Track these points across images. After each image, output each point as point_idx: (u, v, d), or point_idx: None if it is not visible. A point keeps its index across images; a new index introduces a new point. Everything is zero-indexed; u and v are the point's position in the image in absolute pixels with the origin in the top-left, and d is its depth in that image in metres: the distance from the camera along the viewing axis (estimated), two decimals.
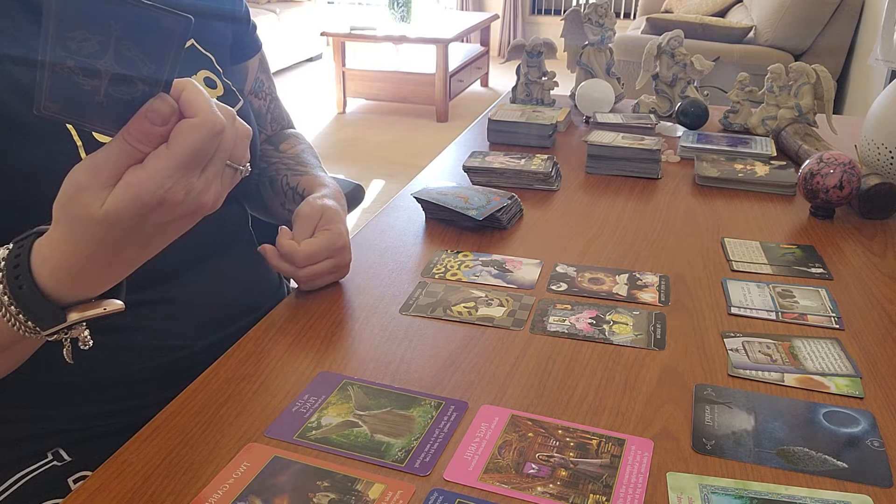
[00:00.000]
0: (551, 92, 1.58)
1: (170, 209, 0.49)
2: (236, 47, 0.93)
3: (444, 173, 1.24)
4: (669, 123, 1.47)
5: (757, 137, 1.36)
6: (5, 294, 0.52)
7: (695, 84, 1.53)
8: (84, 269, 0.52)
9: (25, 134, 0.67)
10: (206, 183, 0.51)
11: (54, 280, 0.52)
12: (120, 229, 0.49)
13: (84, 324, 0.56)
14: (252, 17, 0.98)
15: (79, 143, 0.70)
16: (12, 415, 0.76)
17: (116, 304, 0.56)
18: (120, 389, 0.77)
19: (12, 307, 0.53)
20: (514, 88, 1.59)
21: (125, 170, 0.48)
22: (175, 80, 0.48)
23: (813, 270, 0.90)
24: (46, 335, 0.54)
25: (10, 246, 0.54)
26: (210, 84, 0.84)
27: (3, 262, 0.53)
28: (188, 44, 0.83)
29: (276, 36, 5.49)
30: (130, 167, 0.48)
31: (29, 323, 0.53)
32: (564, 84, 1.55)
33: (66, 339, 0.57)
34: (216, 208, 0.53)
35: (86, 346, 0.57)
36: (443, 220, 1.04)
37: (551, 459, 0.59)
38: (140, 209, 0.48)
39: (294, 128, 1.10)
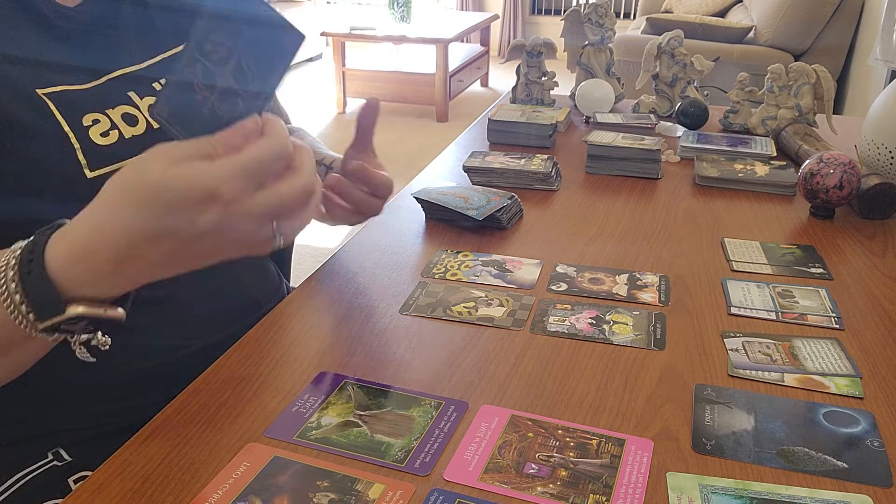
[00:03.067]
0: (551, 92, 1.58)
1: (215, 209, 0.49)
2: None
3: (444, 173, 1.24)
4: (669, 123, 1.47)
5: (757, 137, 1.36)
6: (14, 280, 0.52)
7: (695, 84, 1.53)
8: (98, 250, 0.51)
9: (23, 135, 0.67)
10: (254, 209, 0.50)
11: (64, 260, 0.51)
12: (161, 204, 0.48)
13: (94, 327, 0.55)
14: None
15: (76, 145, 0.70)
16: (12, 415, 0.76)
17: (118, 311, 0.55)
18: (120, 389, 0.77)
19: (17, 295, 0.52)
20: (514, 88, 1.59)
21: (197, 159, 0.49)
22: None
23: (813, 270, 0.90)
24: (43, 328, 0.53)
25: (34, 237, 0.53)
26: None
27: (19, 251, 0.52)
28: (183, 48, 0.83)
29: None
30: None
31: (30, 315, 0.52)
32: (564, 84, 1.55)
33: (74, 342, 0.56)
34: (248, 250, 0.53)
35: (105, 347, 0.56)
36: (443, 220, 1.04)
37: (551, 459, 0.59)
38: (192, 191, 0.48)
39: (291, 124, 1.10)
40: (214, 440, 0.61)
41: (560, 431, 0.62)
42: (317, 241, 2.87)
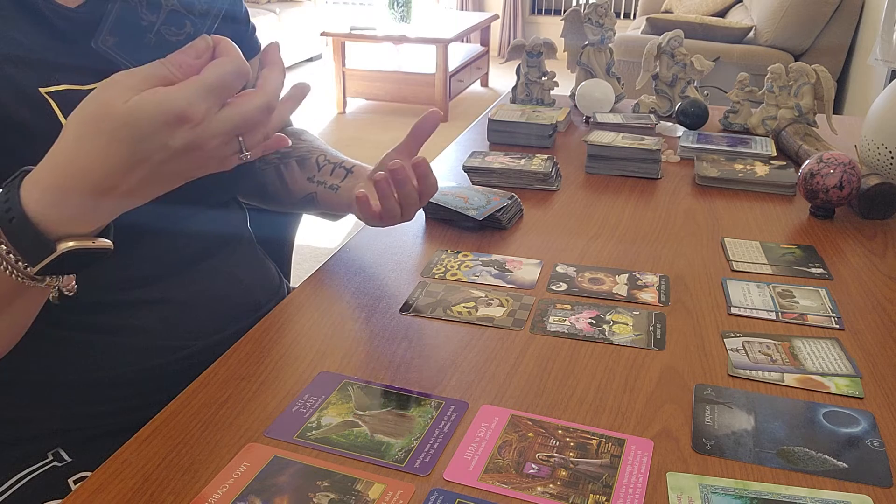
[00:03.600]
0: (551, 92, 1.58)
1: (186, 130, 0.51)
2: None
3: (444, 173, 1.24)
4: (669, 123, 1.47)
5: (757, 137, 1.36)
6: None
7: (695, 84, 1.53)
8: (76, 187, 0.52)
9: (23, 134, 0.67)
10: (220, 127, 0.53)
11: (44, 203, 0.52)
12: (133, 132, 0.50)
13: (85, 262, 0.56)
14: (252, 18, 0.98)
15: None
16: (12, 414, 0.76)
17: (105, 241, 0.56)
18: (120, 389, 0.77)
19: (2, 246, 0.53)
20: (514, 88, 1.59)
21: (156, 85, 0.51)
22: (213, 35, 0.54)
23: (813, 270, 0.90)
24: (37, 272, 0.54)
25: (2, 190, 0.54)
26: None
27: None
28: None
29: (276, 36, 5.49)
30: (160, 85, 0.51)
31: (20, 264, 0.53)
32: (564, 84, 1.55)
33: (54, 288, 0.57)
34: (216, 166, 0.56)
35: (71, 293, 0.58)
36: (443, 220, 1.04)
37: (551, 459, 0.59)
38: (161, 115, 0.50)
39: (292, 125, 1.10)
40: (214, 440, 0.61)
41: (560, 431, 0.62)
42: (317, 241, 2.87)
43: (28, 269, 0.54)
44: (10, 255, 0.53)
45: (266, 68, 0.57)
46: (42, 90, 0.68)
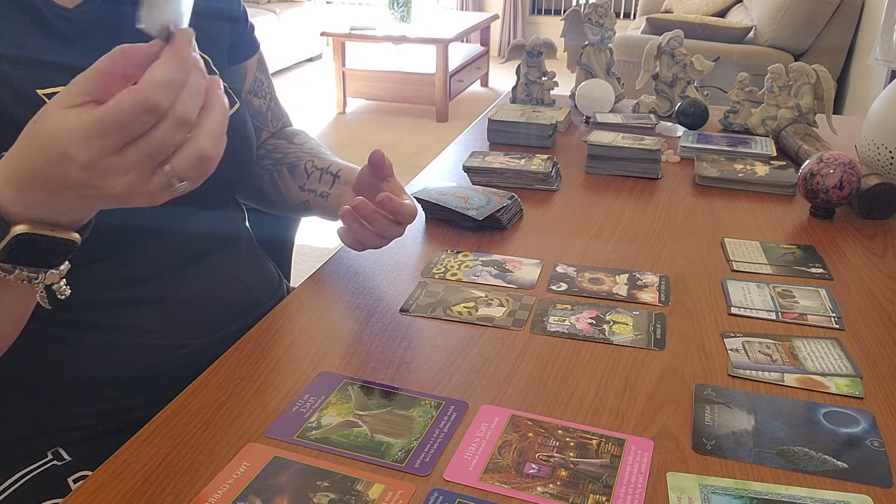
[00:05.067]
0: (551, 92, 1.58)
1: (77, 169, 0.48)
2: (234, 48, 0.93)
3: (444, 173, 1.24)
4: (669, 123, 1.47)
5: (757, 137, 1.36)
6: None
7: (695, 84, 1.53)
8: (29, 185, 0.50)
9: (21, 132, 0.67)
10: (120, 167, 0.48)
11: (4, 191, 0.51)
12: (40, 150, 0.48)
13: (51, 254, 0.55)
14: (251, 18, 0.98)
15: None
16: (12, 413, 0.76)
17: (71, 234, 0.54)
18: (119, 388, 0.77)
19: None
20: (514, 88, 1.59)
21: (84, 101, 0.48)
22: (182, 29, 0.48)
23: (813, 270, 0.90)
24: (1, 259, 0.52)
25: None
26: None
27: None
28: None
29: (276, 36, 5.49)
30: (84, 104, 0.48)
31: None
32: (564, 84, 1.55)
33: (39, 285, 0.56)
34: (128, 202, 0.51)
35: (62, 295, 0.57)
36: (443, 220, 1.04)
37: (551, 459, 0.59)
38: (52, 149, 0.48)
39: (292, 125, 1.10)
40: (214, 440, 0.61)
41: (560, 431, 0.62)
42: (317, 241, 2.87)
43: None
44: None
45: (159, 59, 0.48)
46: (39, 91, 0.68)
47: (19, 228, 0.52)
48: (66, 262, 0.57)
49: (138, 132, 0.48)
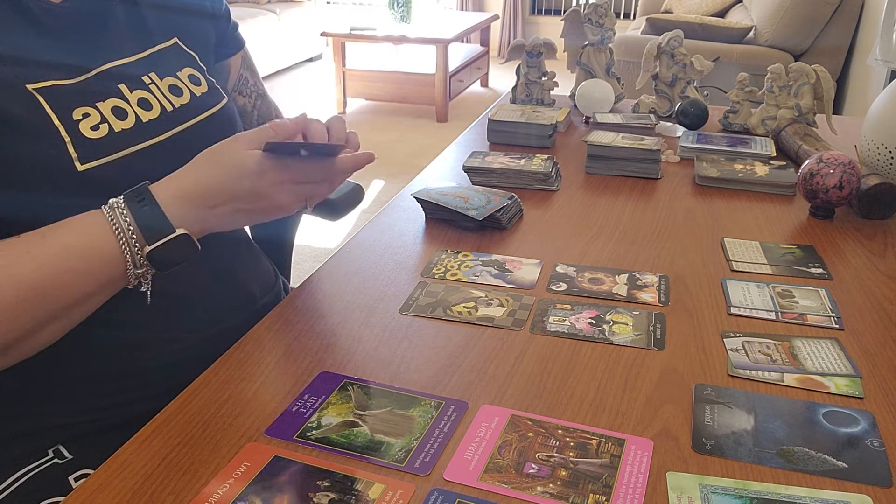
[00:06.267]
0: (551, 92, 1.59)
1: (265, 182, 0.70)
2: (218, 45, 0.94)
3: (444, 173, 1.24)
4: (669, 123, 1.47)
5: (757, 137, 1.36)
6: (125, 215, 0.67)
7: (695, 84, 1.53)
8: (191, 195, 0.69)
9: (15, 131, 0.67)
10: (292, 191, 0.73)
11: (168, 200, 0.68)
12: (239, 171, 0.70)
13: (180, 258, 0.69)
14: (252, 18, 0.99)
15: (67, 138, 0.70)
16: (11, 411, 0.76)
17: (197, 243, 0.71)
18: (117, 383, 0.77)
19: (129, 227, 0.66)
20: (514, 88, 1.59)
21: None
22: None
23: (813, 270, 0.90)
24: (150, 251, 0.67)
25: (132, 189, 0.69)
26: (194, 81, 0.84)
27: (122, 197, 0.68)
28: (171, 42, 0.84)
29: (276, 36, 5.49)
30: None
31: (136, 244, 0.66)
32: (564, 84, 1.55)
33: (140, 281, 0.69)
34: (278, 214, 0.74)
35: (148, 289, 0.70)
36: (443, 220, 1.04)
37: (551, 459, 0.59)
38: (253, 166, 0.70)
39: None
40: (215, 440, 0.61)
41: (560, 431, 0.62)
42: (317, 241, 2.87)
43: (140, 251, 0.67)
44: (133, 236, 0.66)
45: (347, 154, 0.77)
46: (29, 87, 0.69)
47: (182, 229, 0.68)
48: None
49: (311, 180, 0.74)
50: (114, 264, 0.67)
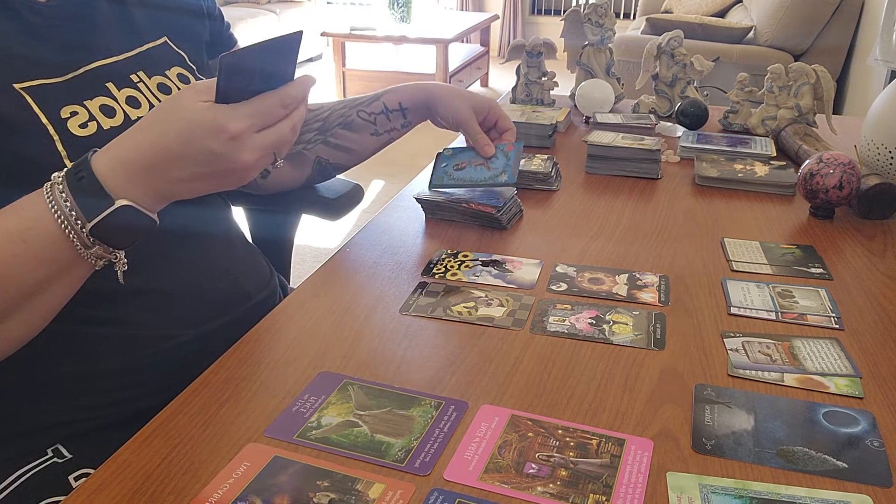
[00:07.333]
0: (551, 92, 1.58)
1: (221, 140, 0.61)
2: (211, 44, 0.94)
3: None
4: (669, 123, 1.47)
5: (757, 137, 1.36)
6: (63, 192, 0.61)
7: (695, 84, 1.53)
8: (137, 160, 0.62)
9: (2, 130, 0.67)
10: (256, 144, 0.64)
11: (110, 167, 0.62)
12: (188, 128, 0.61)
13: (132, 234, 0.64)
14: (252, 18, 1.00)
15: (55, 136, 0.70)
16: (8, 410, 0.76)
17: (153, 215, 0.65)
18: (113, 380, 0.77)
19: (66, 203, 0.60)
20: (514, 88, 1.59)
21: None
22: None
23: (813, 270, 0.90)
24: (92, 227, 0.61)
25: (78, 161, 0.63)
26: (183, 80, 0.84)
27: (64, 171, 0.62)
28: (161, 41, 0.84)
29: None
30: None
31: (77, 222, 0.60)
32: (564, 84, 1.55)
33: (110, 261, 0.65)
34: (246, 176, 0.66)
35: (122, 269, 0.66)
36: (443, 219, 1.04)
37: (551, 459, 0.59)
38: (210, 122, 0.61)
39: None
40: (215, 440, 0.61)
41: (560, 431, 0.62)
42: (317, 241, 2.87)
43: (83, 228, 0.61)
44: (72, 213, 0.60)
45: (292, 83, 0.67)
46: (16, 86, 0.69)
47: (123, 200, 0.61)
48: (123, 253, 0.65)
49: (271, 122, 0.65)
50: (59, 246, 0.62)
